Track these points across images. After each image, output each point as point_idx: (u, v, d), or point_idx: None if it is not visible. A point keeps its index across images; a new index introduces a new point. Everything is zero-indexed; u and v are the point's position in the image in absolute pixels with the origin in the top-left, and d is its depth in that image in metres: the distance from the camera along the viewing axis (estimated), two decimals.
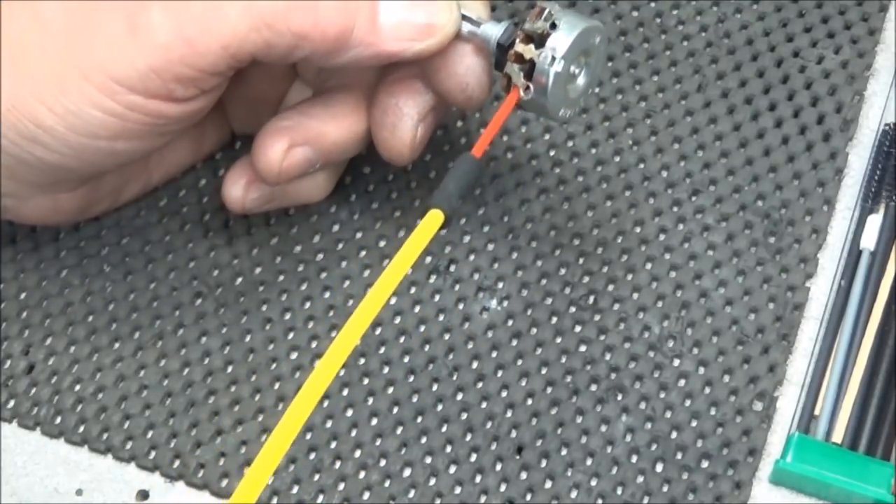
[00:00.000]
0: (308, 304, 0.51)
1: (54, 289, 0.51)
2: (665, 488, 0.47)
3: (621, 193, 0.53)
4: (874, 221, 0.50)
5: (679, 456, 0.47)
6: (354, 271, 0.51)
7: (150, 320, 0.51)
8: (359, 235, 0.52)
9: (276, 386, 0.49)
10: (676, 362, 0.49)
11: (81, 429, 0.49)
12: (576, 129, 0.54)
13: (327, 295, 0.51)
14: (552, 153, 0.54)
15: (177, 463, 0.48)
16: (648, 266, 0.51)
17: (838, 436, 0.47)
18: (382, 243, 0.52)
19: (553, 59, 0.44)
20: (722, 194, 0.52)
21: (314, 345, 0.50)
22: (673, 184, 0.53)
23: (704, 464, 0.48)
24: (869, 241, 0.50)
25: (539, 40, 0.44)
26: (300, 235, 0.52)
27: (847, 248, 0.51)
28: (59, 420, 0.49)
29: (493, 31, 0.45)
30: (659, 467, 0.48)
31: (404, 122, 0.46)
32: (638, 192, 0.53)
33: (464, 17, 0.45)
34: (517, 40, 0.44)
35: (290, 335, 0.50)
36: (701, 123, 0.54)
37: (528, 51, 0.44)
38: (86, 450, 0.49)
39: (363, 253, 0.52)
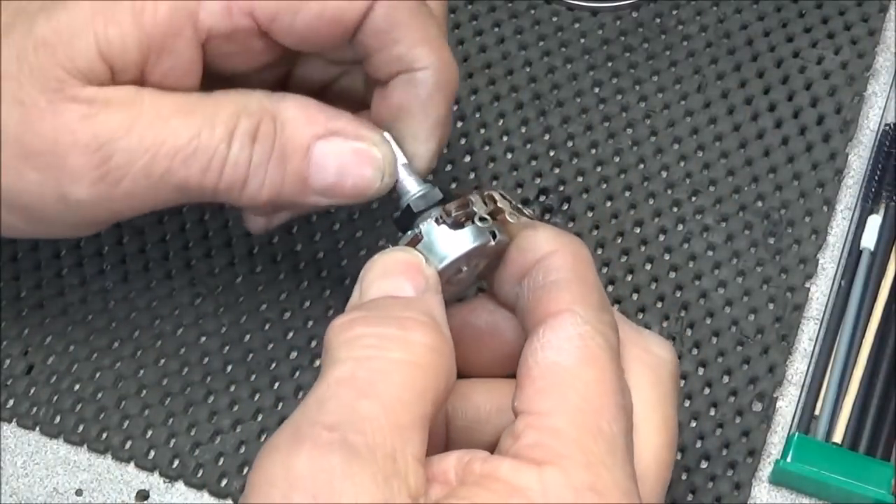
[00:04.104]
0: (307, 305, 0.51)
1: (53, 290, 0.51)
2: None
3: (621, 194, 0.53)
4: (874, 221, 0.50)
5: (679, 456, 0.47)
6: (354, 271, 0.51)
7: (148, 321, 0.51)
8: (359, 235, 0.52)
9: (275, 386, 0.49)
10: None
11: (81, 429, 0.49)
12: (576, 129, 0.54)
13: (326, 294, 0.51)
14: (552, 153, 0.53)
15: (176, 463, 0.48)
16: (648, 266, 0.51)
17: (838, 436, 0.47)
18: (382, 242, 0.52)
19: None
20: (722, 195, 0.52)
21: (313, 345, 0.50)
22: (673, 184, 0.53)
23: (704, 464, 0.47)
24: (869, 241, 0.50)
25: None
26: (299, 236, 0.52)
27: (847, 248, 0.51)
28: (58, 420, 0.49)
29: (413, 188, 0.42)
30: None
31: None
32: (638, 193, 0.53)
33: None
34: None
35: (289, 336, 0.50)
36: (701, 124, 0.54)
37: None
38: (85, 450, 0.49)
39: (363, 253, 0.52)
